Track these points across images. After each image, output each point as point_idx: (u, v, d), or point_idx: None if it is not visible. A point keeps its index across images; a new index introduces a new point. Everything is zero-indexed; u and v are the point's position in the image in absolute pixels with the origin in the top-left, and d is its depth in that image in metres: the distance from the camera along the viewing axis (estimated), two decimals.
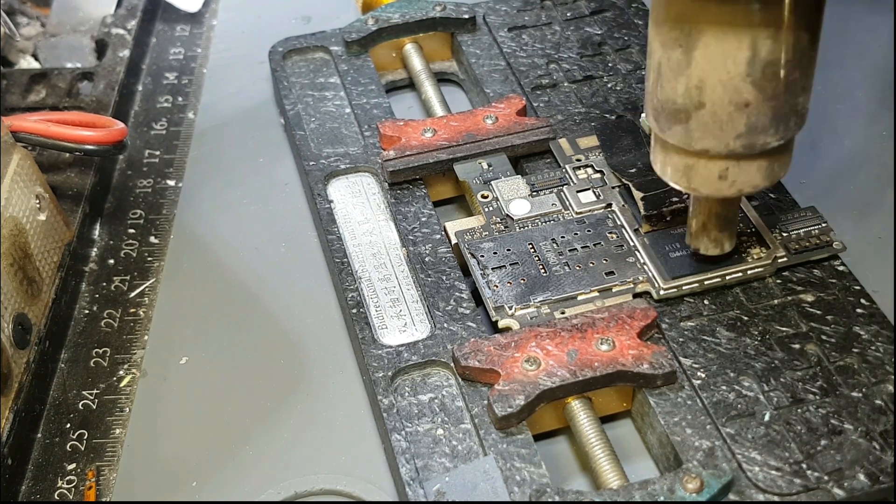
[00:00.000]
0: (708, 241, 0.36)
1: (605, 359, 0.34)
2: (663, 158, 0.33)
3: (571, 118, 0.44)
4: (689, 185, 0.33)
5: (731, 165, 0.32)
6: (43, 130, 0.40)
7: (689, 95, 0.31)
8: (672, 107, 0.31)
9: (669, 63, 0.30)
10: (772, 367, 0.35)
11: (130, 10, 0.53)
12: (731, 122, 0.31)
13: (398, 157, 0.42)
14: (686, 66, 0.30)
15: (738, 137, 0.31)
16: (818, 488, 0.31)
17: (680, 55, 0.30)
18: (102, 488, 0.35)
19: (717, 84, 0.30)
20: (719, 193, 0.33)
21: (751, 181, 0.32)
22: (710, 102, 0.30)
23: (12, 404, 0.36)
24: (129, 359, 0.39)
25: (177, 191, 0.46)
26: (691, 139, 0.31)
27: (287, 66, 0.48)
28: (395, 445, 0.33)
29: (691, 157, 0.32)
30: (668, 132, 0.32)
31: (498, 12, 0.50)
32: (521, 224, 0.39)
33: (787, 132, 0.31)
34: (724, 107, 0.30)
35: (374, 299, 0.38)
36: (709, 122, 0.31)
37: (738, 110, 0.30)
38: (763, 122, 0.31)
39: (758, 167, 0.32)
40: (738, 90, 0.30)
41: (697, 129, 0.31)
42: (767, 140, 0.31)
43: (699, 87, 0.30)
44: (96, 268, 0.43)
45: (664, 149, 0.33)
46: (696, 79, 0.30)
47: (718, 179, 0.32)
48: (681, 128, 0.31)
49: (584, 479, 0.34)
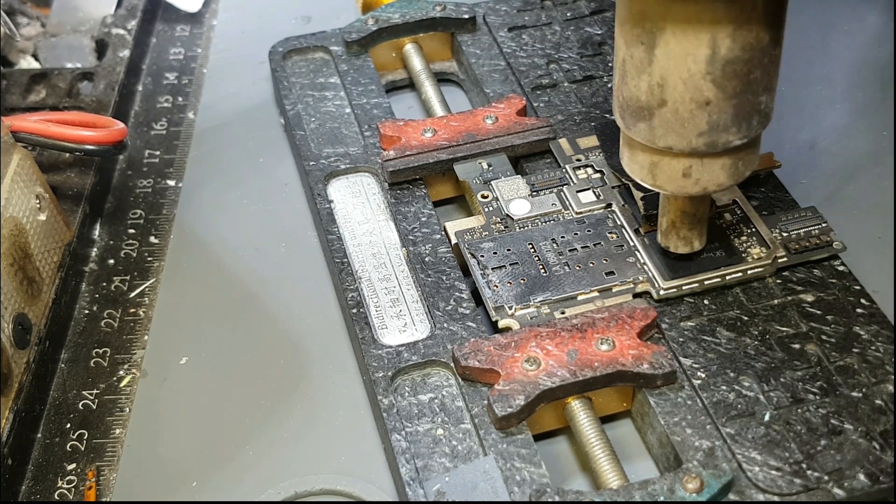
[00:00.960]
0: (677, 238, 0.36)
1: (605, 359, 0.34)
2: (630, 155, 0.33)
3: (571, 118, 0.44)
4: (655, 183, 0.33)
5: (694, 163, 0.32)
6: (43, 130, 0.40)
7: (651, 93, 0.31)
8: (636, 104, 0.31)
9: (632, 60, 0.31)
10: (772, 367, 0.35)
11: (130, 10, 0.53)
12: (693, 120, 0.31)
13: (398, 157, 0.42)
14: (648, 63, 0.30)
15: (701, 135, 0.31)
16: (818, 488, 0.31)
17: (642, 53, 0.30)
18: (102, 488, 0.35)
19: (678, 82, 0.30)
20: (684, 191, 0.33)
21: (715, 179, 0.32)
22: (671, 100, 0.30)
23: (12, 404, 0.36)
24: (129, 359, 0.39)
25: (177, 191, 0.46)
26: (655, 136, 0.32)
27: (287, 66, 0.48)
28: (395, 445, 0.33)
29: (655, 154, 0.32)
30: (632, 129, 0.32)
31: (498, 12, 0.50)
32: (521, 224, 0.39)
33: (749, 131, 0.31)
34: (685, 104, 0.30)
35: (374, 299, 0.38)
36: (671, 120, 0.31)
37: (700, 108, 0.30)
38: (725, 120, 0.31)
39: (721, 165, 0.32)
40: (699, 88, 0.30)
41: (660, 127, 0.31)
42: (730, 138, 0.31)
43: (661, 84, 0.30)
44: (96, 268, 0.43)
45: (630, 146, 0.33)
46: (658, 76, 0.30)
47: (682, 177, 0.32)
48: (644, 125, 0.31)
49: (584, 479, 0.34)
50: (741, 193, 0.40)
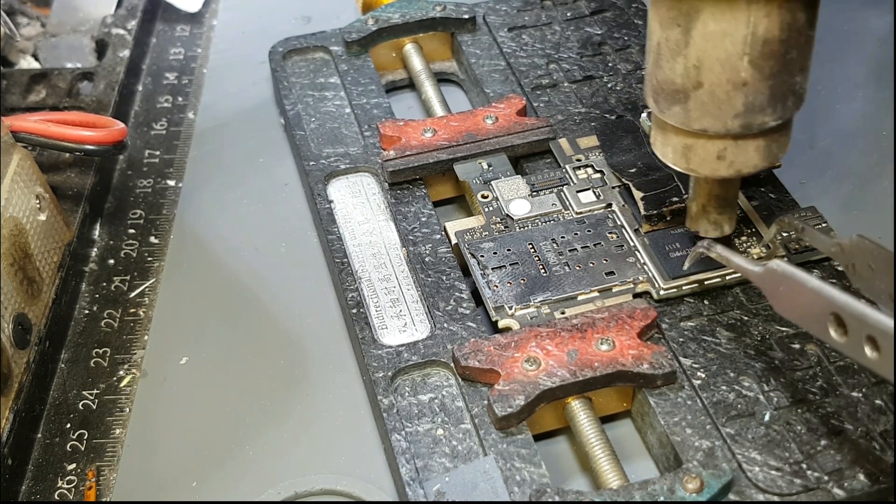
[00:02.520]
0: (707, 223, 0.36)
1: (605, 359, 0.34)
2: (663, 140, 0.33)
3: (571, 118, 0.44)
4: (688, 166, 0.33)
5: (729, 145, 0.32)
6: (43, 130, 0.40)
7: (687, 75, 0.31)
8: (671, 87, 0.31)
9: (668, 43, 0.31)
10: (772, 367, 0.35)
11: (130, 10, 0.53)
12: (729, 102, 0.31)
13: (398, 157, 0.42)
14: (684, 45, 0.30)
15: (737, 117, 0.31)
16: (818, 488, 0.31)
17: (678, 34, 0.30)
18: (102, 488, 0.35)
19: (714, 63, 0.30)
20: (717, 174, 0.33)
21: (749, 161, 0.32)
22: (708, 82, 0.30)
23: (12, 404, 0.36)
24: (129, 359, 0.39)
25: (177, 191, 0.46)
26: (690, 119, 0.31)
27: (287, 66, 0.48)
28: (395, 445, 0.33)
29: (690, 137, 0.32)
30: (666, 113, 0.32)
31: (498, 12, 0.50)
32: (521, 224, 0.39)
33: (784, 112, 0.31)
34: (721, 86, 0.30)
35: (374, 299, 0.38)
36: (707, 102, 0.31)
37: (736, 89, 0.30)
38: (761, 101, 0.31)
39: (756, 147, 0.32)
40: (736, 69, 0.30)
41: (696, 109, 0.31)
42: (765, 120, 0.31)
43: (697, 66, 0.30)
44: (96, 268, 0.43)
45: (663, 130, 0.33)
46: (695, 58, 0.30)
47: (717, 160, 0.32)
48: (679, 108, 0.31)
49: (584, 479, 0.34)
50: (741, 193, 0.40)
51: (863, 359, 0.27)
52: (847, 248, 0.32)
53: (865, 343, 0.27)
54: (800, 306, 0.30)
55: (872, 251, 0.30)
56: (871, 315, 0.27)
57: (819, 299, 0.28)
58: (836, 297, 0.28)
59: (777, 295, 0.31)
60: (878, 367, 0.27)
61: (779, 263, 0.30)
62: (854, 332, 0.27)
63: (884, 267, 0.30)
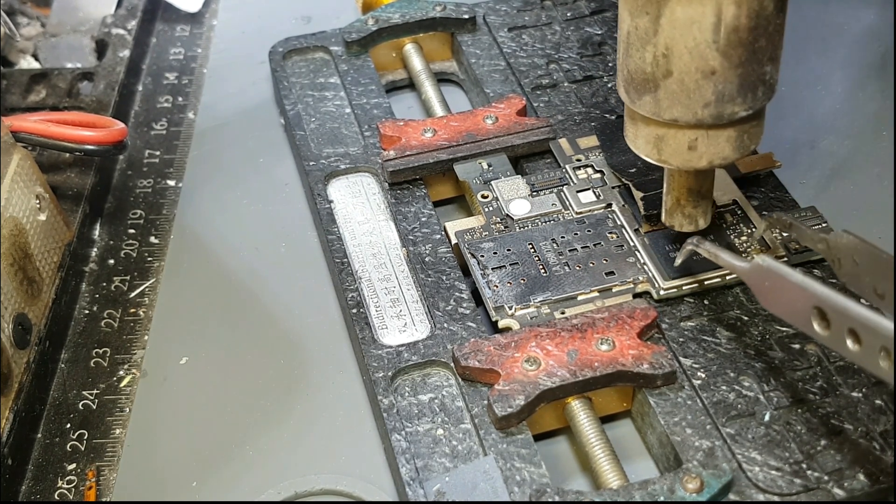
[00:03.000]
0: (682, 217, 0.36)
1: (605, 359, 0.34)
2: (634, 130, 0.33)
3: (571, 118, 0.44)
4: (660, 157, 0.33)
5: (700, 136, 0.32)
6: (43, 130, 0.40)
7: (656, 63, 0.31)
8: (641, 76, 0.31)
9: (637, 32, 0.31)
10: (772, 367, 0.35)
11: (130, 10, 0.53)
12: (699, 91, 0.31)
13: (398, 157, 0.42)
14: (653, 33, 0.30)
15: (707, 106, 0.31)
16: (818, 488, 0.31)
17: (647, 23, 0.30)
18: (102, 488, 0.35)
19: (683, 51, 0.30)
20: (689, 165, 0.33)
21: (720, 153, 0.32)
22: (677, 70, 0.30)
23: (12, 404, 0.36)
24: (129, 359, 0.39)
25: (177, 191, 0.46)
26: (660, 109, 0.31)
27: (287, 66, 0.48)
28: (395, 445, 0.33)
29: (661, 127, 0.32)
30: (637, 103, 0.32)
31: (498, 12, 0.50)
32: (521, 224, 0.39)
33: (755, 102, 0.31)
34: (691, 74, 0.30)
35: (374, 299, 0.38)
36: (677, 91, 0.31)
37: (705, 78, 0.30)
38: (730, 90, 0.31)
39: (727, 138, 0.32)
40: (705, 57, 0.30)
41: (666, 99, 0.31)
42: (735, 109, 0.31)
43: (666, 54, 0.30)
44: (96, 268, 0.43)
45: (634, 120, 0.33)
46: (663, 46, 0.30)
47: (688, 150, 0.32)
48: (650, 97, 0.31)
49: (584, 479, 0.34)
50: (741, 193, 0.40)
51: (845, 351, 0.28)
52: (832, 244, 0.32)
53: (847, 336, 0.27)
54: (785, 301, 0.30)
55: (857, 246, 0.31)
56: (851, 308, 0.27)
57: (803, 294, 0.29)
58: (818, 291, 0.28)
59: (763, 290, 0.31)
60: (860, 360, 0.27)
61: (764, 259, 0.31)
62: (836, 325, 0.28)
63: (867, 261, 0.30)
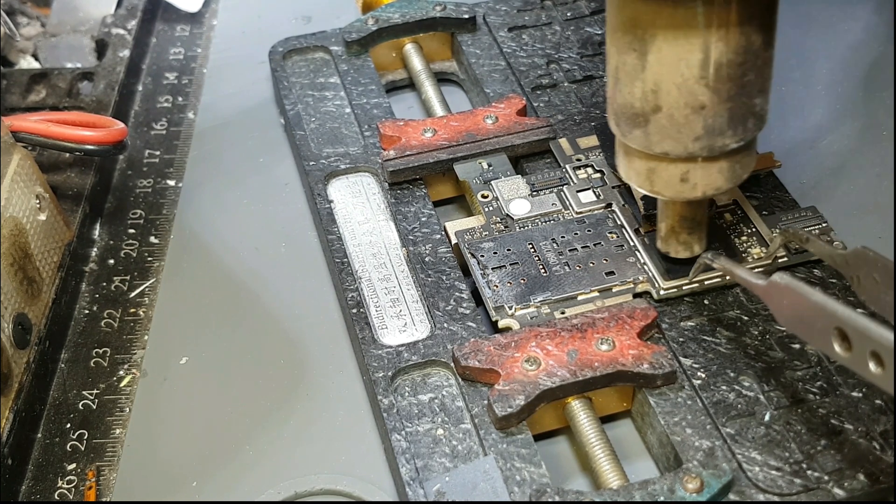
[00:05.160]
0: (677, 244, 0.36)
1: (605, 359, 0.34)
2: (626, 163, 0.33)
3: (571, 118, 0.44)
4: (653, 189, 0.33)
5: (691, 168, 0.32)
6: (43, 130, 0.40)
7: (645, 99, 0.31)
8: (630, 111, 0.31)
9: (625, 68, 0.31)
10: (772, 367, 0.35)
11: (130, 10, 0.53)
12: (689, 125, 0.31)
13: (398, 157, 0.42)
14: (641, 70, 0.30)
15: (697, 140, 0.31)
16: (818, 488, 0.31)
17: (635, 59, 0.30)
18: (102, 488, 0.35)
19: (672, 87, 0.30)
20: (682, 196, 0.33)
21: (713, 183, 0.32)
22: (666, 105, 0.30)
23: (12, 404, 0.36)
24: (129, 359, 0.39)
25: (177, 191, 0.46)
26: (651, 143, 0.31)
27: (287, 66, 0.48)
28: (395, 445, 0.33)
29: (652, 160, 0.32)
30: (628, 136, 0.32)
31: (498, 12, 0.50)
32: (521, 224, 0.39)
33: (745, 133, 0.31)
34: (680, 110, 0.30)
35: (374, 299, 0.38)
36: (666, 126, 0.31)
37: (695, 113, 0.30)
38: (720, 124, 0.31)
39: (719, 169, 0.32)
40: (693, 93, 0.30)
41: (656, 133, 0.31)
42: (726, 142, 0.31)
43: (655, 90, 0.30)
44: (96, 268, 0.43)
45: (626, 153, 0.33)
46: (652, 83, 0.30)
47: (680, 182, 0.32)
48: (640, 132, 0.31)
49: (584, 479, 0.34)
50: (741, 193, 0.40)
51: (867, 374, 0.27)
52: (851, 260, 0.31)
53: (870, 358, 0.26)
54: (803, 319, 0.29)
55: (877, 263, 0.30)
56: (874, 330, 0.26)
57: (823, 313, 0.28)
58: (839, 312, 0.28)
59: (780, 307, 0.30)
60: (882, 383, 0.26)
61: (782, 276, 0.30)
62: (858, 347, 0.27)
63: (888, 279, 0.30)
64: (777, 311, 0.31)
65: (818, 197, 0.41)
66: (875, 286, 0.30)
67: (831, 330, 0.28)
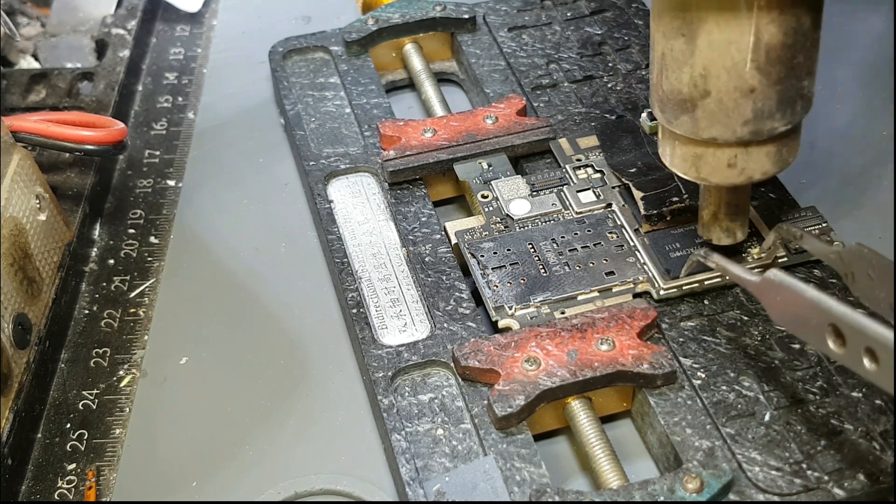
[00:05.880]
0: (720, 231, 0.35)
1: (605, 359, 0.34)
2: (671, 150, 0.33)
3: (571, 118, 0.44)
4: (699, 175, 0.33)
5: (739, 153, 0.32)
6: (43, 130, 0.40)
7: (694, 84, 0.31)
8: (678, 97, 0.31)
9: (673, 53, 0.30)
10: (772, 367, 0.35)
11: (130, 10, 0.53)
12: (738, 109, 0.30)
13: (398, 157, 0.42)
14: (690, 55, 0.30)
15: (746, 124, 0.31)
16: (818, 488, 0.31)
17: (683, 44, 0.30)
18: (102, 488, 0.35)
19: (721, 71, 0.30)
20: (729, 181, 0.33)
21: (760, 167, 0.32)
22: (715, 90, 0.30)
23: (12, 404, 0.36)
24: (129, 359, 0.39)
25: (177, 191, 0.46)
26: (698, 128, 0.31)
27: (287, 66, 0.48)
28: (395, 445, 0.33)
29: (699, 146, 0.32)
30: (674, 123, 0.32)
31: (498, 12, 0.50)
32: (521, 224, 0.39)
33: (794, 116, 0.31)
34: (729, 94, 0.30)
35: (374, 299, 0.38)
36: (715, 111, 0.31)
37: (744, 97, 0.30)
38: (769, 107, 0.31)
39: (766, 153, 0.32)
40: (743, 76, 0.30)
41: (704, 118, 0.31)
42: (775, 125, 0.31)
43: (704, 75, 0.30)
44: (96, 268, 0.43)
45: (672, 140, 0.33)
46: (701, 67, 0.30)
47: (727, 167, 0.32)
48: (687, 117, 0.31)
49: (584, 479, 0.34)
50: None
51: (861, 370, 0.27)
52: (846, 257, 0.31)
53: (864, 355, 0.26)
54: (797, 317, 0.29)
55: (871, 260, 0.30)
56: (869, 327, 0.26)
57: (817, 310, 0.28)
58: (834, 309, 0.27)
59: (774, 305, 0.30)
60: (878, 379, 0.26)
61: (776, 273, 0.30)
62: (852, 343, 0.27)
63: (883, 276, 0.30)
64: (771, 309, 0.31)
65: (818, 197, 0.41)
66: (870, 283, 0.30)
67: (825, 327, 0.28)
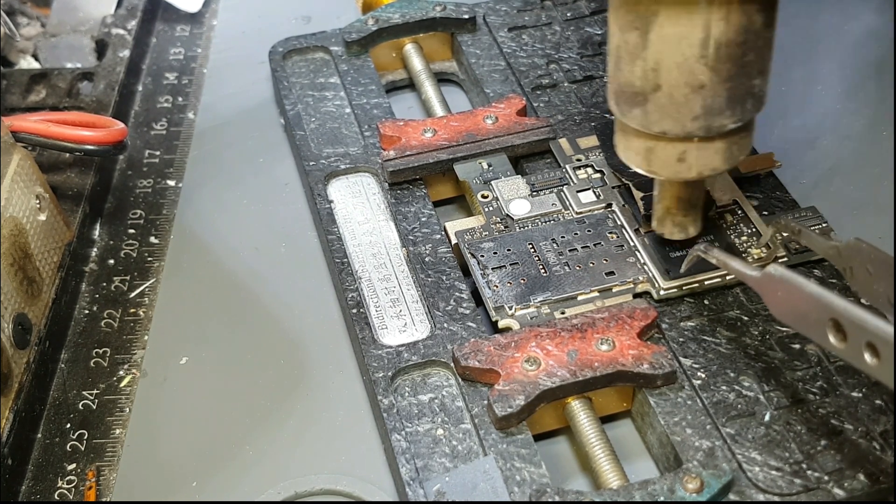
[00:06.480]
0: (672, 225, 0.36)
1: (605, 359, 0.34)
2: (625, 142, 0.33)
3: (571, 118, 0.44)
4: (650, 168, 0.33)
5: (689, 148, 0.32)
6: (43, 130, 0.40)
7: (645, 78, 0.31)
8: (630, 90, 0.31)
9: (627, 46, 0.31)
10: (772, 367, 0.35)
11: (130, 10, 0.53)
12: (688, 104, 0.31)
13: (398, 157, 0.42)
14: (642, 48, 0.30)
15: (695, 119, 0.31)
16: (818, 488, 0.31)
17: (636, 38, 0.30)
18: (102, 488, 0.35)
19: (672, 66, 0.30)
20: (679, 176, 0.33)
21: (710, 164, 0.32)
22: (666, 84, 0.31)
23: (12, 404, 0.36)
24: (129, 359, 0.39)
25: (177, 191, 0.46)
26: (649, 122, 0.32)
27: (287, 66, 0.48)
28: (395, 445, 0.33)
29: (650, 139, 0.32)
30: (627, 115, 0.32)
31: (498, 12, 0.50)
32: (521, 224, 0.39)
33: (744, 114, 0.31)
34: (679, 89, 0.30)
35: (374, 299, 0.38)
36: (666, 105, 0.31)
37: (694, 92, 0.30)
38: (719, 103, 0.31)
39: (716, 150, 0.32)
40: (693, 72, 0.30)
41: (655, 112, 0.31)
42: (724, 122, 0.31)
43: (655, 69, 0.30)
44: (96, 268, 0.43)
45: (625, 132, 0.33)
46: (653, 61, 0.30)
47: (677, 162, 0.32)
48: (639, 111, 0.31)
49: (584, 479, 0.34)
50: (741, 194, 0.40)
51: (862, 365, 0.27)
52: (844, 252, 0.31)
53: (865, 349, 0.26)
54: (798, 311, 0.29)
55: (870, 254, 0.30)
56: (870, 321, 0.26)
57: (817, 305, 0.28)
58: (834, 303, 0.27)
59: (775, 300, 0.30)
60: (878, 374, 0.26)
61: (776, 268, 0.30)
62: (853, 338, 0.27)
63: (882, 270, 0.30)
64: (771, 304, 0.31)
65: (818, 197, 0.41)
66: (868, 278, 0.30)
67: (826, 321, 0.28)
